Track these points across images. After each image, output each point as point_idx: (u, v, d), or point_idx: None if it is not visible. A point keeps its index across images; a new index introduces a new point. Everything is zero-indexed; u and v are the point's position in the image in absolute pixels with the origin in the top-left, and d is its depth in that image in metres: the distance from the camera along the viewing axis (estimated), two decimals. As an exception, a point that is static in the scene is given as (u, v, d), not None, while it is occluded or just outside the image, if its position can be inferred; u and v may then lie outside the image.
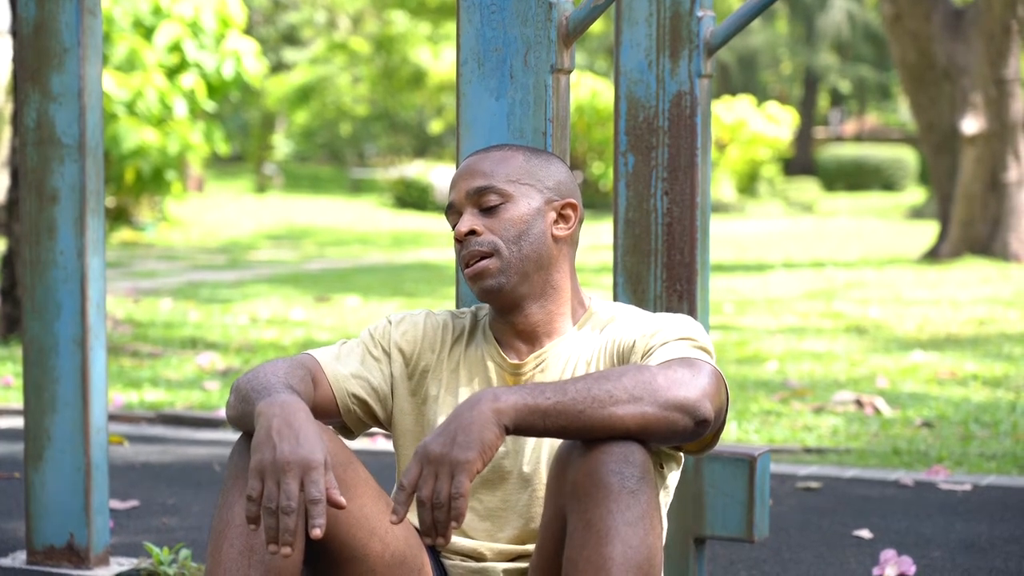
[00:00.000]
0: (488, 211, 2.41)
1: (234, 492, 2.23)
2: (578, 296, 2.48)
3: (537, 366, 2.42)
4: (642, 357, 2.31)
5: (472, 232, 2.40)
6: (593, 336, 2.44)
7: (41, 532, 3.63)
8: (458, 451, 2.07)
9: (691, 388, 2.16)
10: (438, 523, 2.09)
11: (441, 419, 2.43)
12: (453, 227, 2.45)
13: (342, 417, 2.46)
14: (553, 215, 2.44)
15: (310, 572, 2.34)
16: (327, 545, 2.28)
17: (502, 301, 2.41)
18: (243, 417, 2.26)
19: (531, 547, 2.38)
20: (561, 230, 2.44)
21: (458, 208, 2.44)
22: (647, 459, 2.17)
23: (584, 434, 2.13)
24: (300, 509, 2.06)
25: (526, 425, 2.11)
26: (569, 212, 2.46)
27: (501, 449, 2.38)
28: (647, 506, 2.13)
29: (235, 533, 2.21)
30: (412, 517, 2.46)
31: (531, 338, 2.44)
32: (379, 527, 2.31)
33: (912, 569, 3.74)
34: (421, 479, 2.09)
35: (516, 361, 2.43)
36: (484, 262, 2.39)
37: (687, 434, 2.17)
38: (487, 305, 2.53)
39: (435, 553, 2.44)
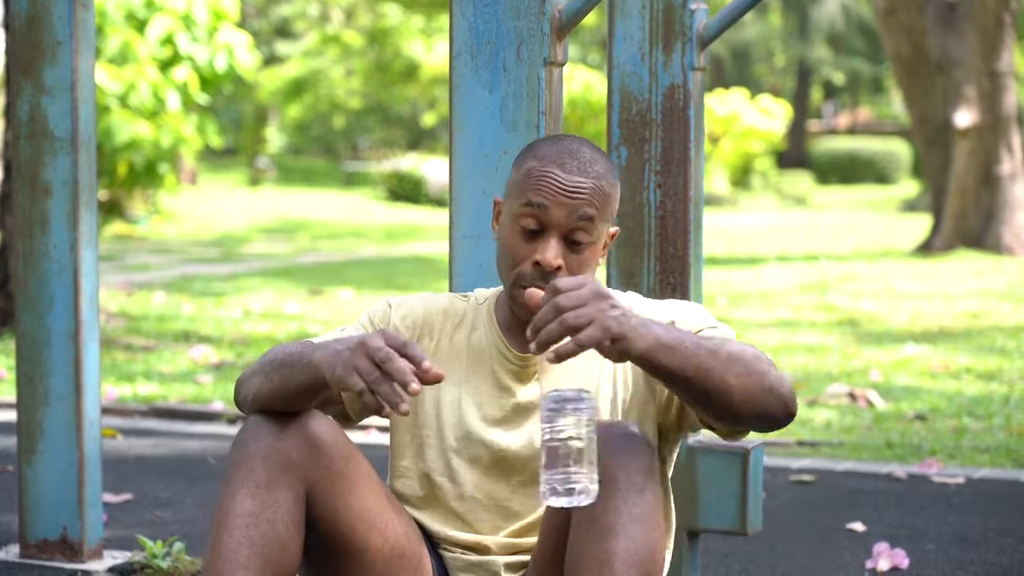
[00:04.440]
0: (574, 245, 2.33)
1: (236, 482, 2.22)
2: None
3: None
4: None
5: (559, 267, 2.33)
6: None
7: (34, 525, 3.63)
8: (615, 313, 2.07)
9: (786, 380, 2.20)
10: (552, 333, 2.07)
11: (444, 409, 2.41)
12: (528, 229, 2.33)
13: (343, 403, 2.43)
14: (603, 245, 2.40)
15: (309, 565, 2.34)
16: (327, 538, 2.29)
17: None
18: (280, 383, 2.23)
19: (533, 539, 2.38)
20: (603, 257, 2.42)
21: (551, 225, 2.33)
22: (654, 456, 2.17)
23: (698, 393, 2.14)
24: (396, 355, 2.06)
25: (654, 357, 2.11)
26: (609, 240, 2.42)
27: (504, 443, 2.38)
28: (653, 503, 2.14)
29: (235, 523, 2.21)
30: (414, 513, 2.45)
31: None
32: (379, 521, 2.31)
33: (905, 562, 3.75)
34: (576, 294, 2.07)
35: (521, 353, 2.41)
36: None
37: (773, 422, 2.19)
38: (488, 291, 2.51)
39: (434, 546, 2.44)
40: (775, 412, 2.18)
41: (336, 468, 2.26)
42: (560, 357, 2.07)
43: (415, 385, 2.04)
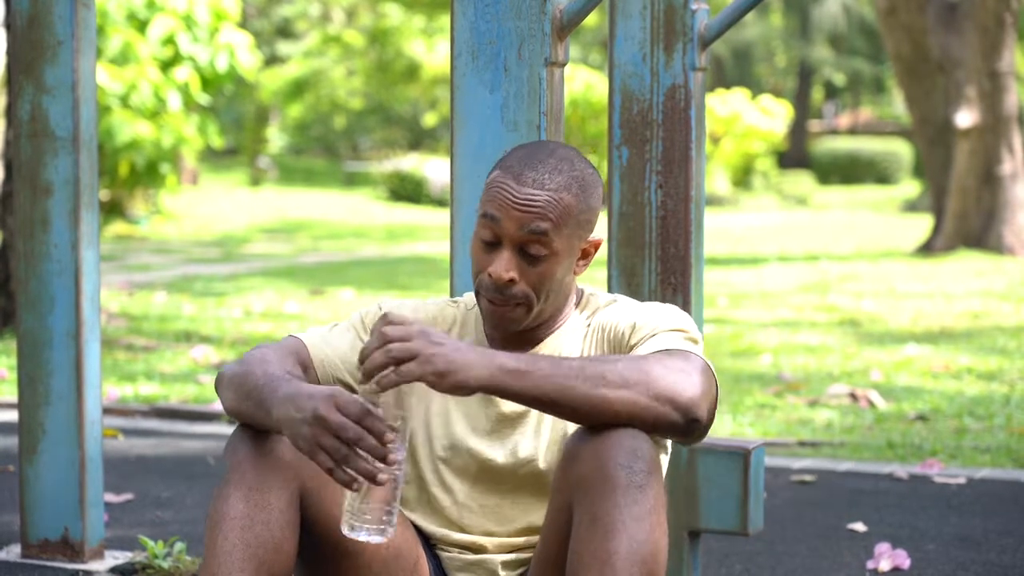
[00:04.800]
0: (530, 258, 2.31)
1: (230, 484, 2.22)
2: (572, 295, 2.46)
3: None
4: (634, 345, 2.30)
5: (511, 280, 2.32)
6: (582, 323, 2.43)
7: (36, 525, 3.63)
8: (444, 353, 2.09)
9: (687, 385, 2.16)
10: (375, 363, 2.09)
11: (432, 419, 2.42)
12: (484, 240, 2.33)
13: None
14: (579, 254, 2.39)
15: (304, 567, 2.34)
16: (322, 539, 2.28)
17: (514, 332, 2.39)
18: (248, 413, 2.24)
19: (532, 539, 2.38)
20: (581, 267, 2.40)
21: (504, 237, 2.31)
22: (656, 455, 2.16)
23: (570, 412, 2.14)
24: (359, 428, 2.07)
25: (499, 385, 2.12)
26: (591, 250, 2.41)
27: (489, 454, 2.38)
28: (654, 502, 2.13)
29: (230, 526, 2.21)
30: (410, 515, 2.45)
31: (527, 338, 2.41)
32: (375, 521, 2.30)
33: (906, 562, 3.75)
34: (403, 330, 2.10)
35: None
36: (514, 311, 2.33)
37: (675, 430, 2.17)
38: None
39: (431, 546, 2.43)
40: (670, 420, 2.15)
41: None
42: (382, 388, 2.09)
43: (393, 455, 2.07)
